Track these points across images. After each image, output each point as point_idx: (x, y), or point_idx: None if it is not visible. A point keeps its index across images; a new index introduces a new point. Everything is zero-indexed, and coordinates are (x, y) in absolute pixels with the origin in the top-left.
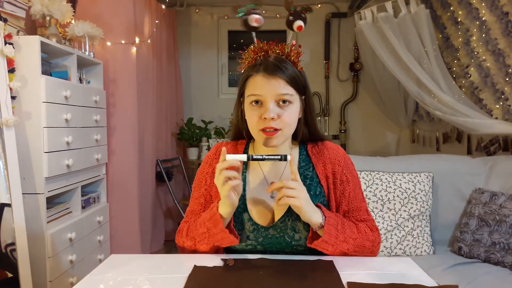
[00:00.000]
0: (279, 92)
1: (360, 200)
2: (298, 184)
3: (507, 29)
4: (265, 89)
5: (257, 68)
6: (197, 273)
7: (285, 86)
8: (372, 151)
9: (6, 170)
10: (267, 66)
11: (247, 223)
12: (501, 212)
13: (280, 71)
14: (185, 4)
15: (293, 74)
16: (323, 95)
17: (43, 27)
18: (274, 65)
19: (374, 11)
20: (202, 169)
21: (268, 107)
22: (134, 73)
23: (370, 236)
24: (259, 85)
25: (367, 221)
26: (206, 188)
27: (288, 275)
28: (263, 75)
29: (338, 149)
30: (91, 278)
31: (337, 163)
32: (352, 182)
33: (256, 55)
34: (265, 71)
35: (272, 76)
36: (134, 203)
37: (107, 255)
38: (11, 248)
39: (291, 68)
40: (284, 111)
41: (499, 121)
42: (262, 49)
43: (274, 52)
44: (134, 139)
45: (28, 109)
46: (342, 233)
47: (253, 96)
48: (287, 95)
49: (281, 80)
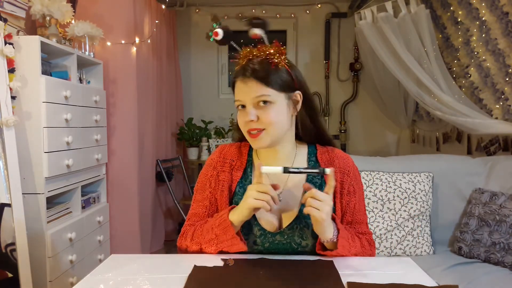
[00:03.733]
0: (254, 95)
1: (363, 213)
2: (328, 197)
3: (507, 29)
4: (243, 93)
5: (236, 74)
6: (197, 273)
7: (261, 88)
8: (372, 151)
9: (6, 170)
10: (243, 70)
11: (255, 228)
12: (501, 212)
13: (254, 73)
14: (185, 4)
15: (268, 74)
16: (323, 95)
17: (43, 27)
18: (250, 69)
19: (374, 11)
20: (205, 171)
21: (248, 110)
22: (134, 73)
23: (369, 251)
24: (239, 90)
25: (366, 235)
26: (211, 191)
27: (288, 275)
28: (241, 79)
29: (348, 159)
30: (91, 278)
31: (346, 173)
32: (358, 194)
33: (244, 61)
34: (242, 75)
35: (247, 79)
36: (134, 203)
37: (107, 255)
38: (11, 248)
39: (267, 69)
40: (263, 111)
41: (499, 121)
42: (246, 54)
43: (255, 56)
44: (134, 139)
45: (28, 109)
46: (354, 247)
47: (237, 101)
48: (264, 96)
49: (255, 82)
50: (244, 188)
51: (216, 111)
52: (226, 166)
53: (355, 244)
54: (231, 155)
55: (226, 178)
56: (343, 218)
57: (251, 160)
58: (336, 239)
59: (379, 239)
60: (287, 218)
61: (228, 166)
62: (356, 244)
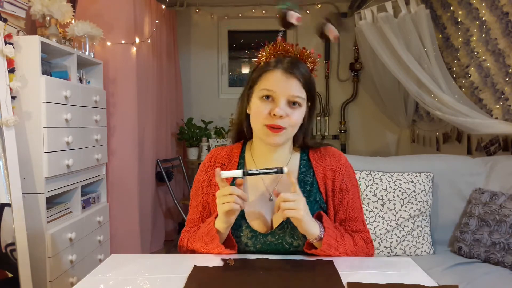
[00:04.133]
0: (293, 93)
1: (358, 210)
2: (297, 195)
3: (507, 29)
4: (281, 87)
5: (275, 64)
6: (197, 273)
7: (300, 88)
8: (372, 151)
9: (6, 170)
10: (287, 64)
11: (245, 230)
12: (501, 212)
13: (298, 72)
14: (185, 4)
15: (308, 78)
16: (323, 95)
17: (43, 27)
18: (294, 65)
19: (374, 11)
20: (198, 177)
21: (279, 104)
22: (134, 73)
23: (365, 248)
24: (276, 81)
25: (362, 233)
26: (203, 196)
27: (288, 275)
28: (282, 72)
29: (340, 156)
30: (91, 278)
31: (338, 170)
32: (351, 191)
33: (275, 52)
34: (284, 68)
35: (290, 75)
36: (134, 203)
37: (107, 255)
38: (11, 248)
39: (307, 73)
40: (292, 111)
41: (499, 121)
42: (283, 47)
43: (294, 54)
44: (134, 139)
45: (28, 109)
46: (342, 245)
47: (266, 90)
48: (299, 98)
49: (297, 81)
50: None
51: (216, 111)
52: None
53: (344, 242)
54: (221, 159)
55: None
56: (336, 217)
57: (243, 162)
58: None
59: (379, 239)
60: (277, 219)
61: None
62: (346, 242)
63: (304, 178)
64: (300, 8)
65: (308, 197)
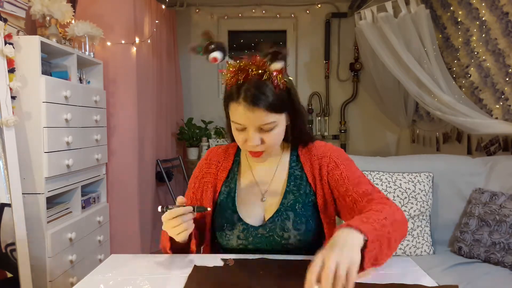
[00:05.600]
0: (260, 123)
1: (358, 175)
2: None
3: (507, 29)
4: (247, 120)
5: (237, 96)
6: (197, 273)
7: (267, 116)
8: (372, 151)
9: (6, 170)
10: (248, 97)
11: (237, 223)
12: (501, 212)
13: (260, 102)
14: (185, 4)
15: (274, 101)
16: (323, 95)
17: (43, 27)
18: (254, 96)
19: (374, 11)
20: (193, 173)
21: (250, 135)
22: (134, 73)
23: (392, 207)
24: (241, 115)
25: (373, 193)
26: (194, 191)
27: (288, 275)
28: (245, 106)
29: (326, 145)
30: (91, 278)
31: (323, 156)
32: (342, 164)
33: (236, 75)
34: (246, 101)
35: (253, 107)
36: (134, 203)
37: (107, 255)
38: (11, 248)
39: (272, 95)
40: (267, 135)
41: (499, 121)
42: (243, 69)
43: (254, 73)
44: (134, 139)
45: (28, 109)
46: (375, 221)
47: (235, 123)
48: (270, 124)
49: (262, 111)
50: (229, 188)
51: (216, 111)
52: (212, 168)
53: (371, 216)
54: (217, 157)
55: (211, 180)
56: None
57: (238, 160)
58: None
59: None
60: (268, 212)
61: (214, 168)
62: (374, 216)
63: (294, 173)
64: (209, 42)
65: (298, 190)
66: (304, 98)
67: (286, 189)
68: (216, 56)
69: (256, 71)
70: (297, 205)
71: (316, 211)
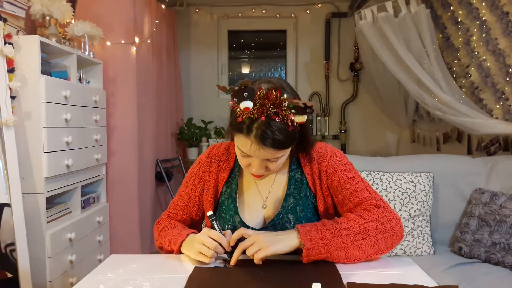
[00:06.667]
0: (268, 157)
1: (355, 182)
2: (253, 237)
3: (507, 29)
4: (255, 153)
5: (248, 131)
6: (197, 274)
7: (275, 153)
8: (372, 151)
9: (6, 170)
10: (259, 136)
11: (238, 225)
12: (502, 212)
13: (271, 142)
14: (185, 4)
15: (286, 141)
16: (323, 95)
17: (43, 27)
18: (267, 137)
19: (374, 11)
20: (192, 169)
21: (255, 165)
22: (134, 73)
23: (370, 216)
24: (249, 148)
25: (366, 202)
26: (192, 188)
27: (288, 275)
28: (254, 142)
29: (326, 147)
30: (91, 278)
31: (322, 160)
32: (340, 169)
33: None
34: (257, 140)
35: (264, 146)
36: (134, 203)
37: (107, 255)
38: (11, 248)
39: (284, 135)
40: (273, 164)
41: (499, 121)
42: (259, 108)
43: (270, 112)
44: (134, 139)
45: (28, 109)
46: (328, 231)
47: (241, 151)
48: (276, 158)
49: (271, 150)
50: (231, 188)
51: (216, 111)
52: (213, 167)
53: (329, 228)
54: (219, 156)
55: (213, 179)
56: (334, 200)
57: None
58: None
59: None
60: (269, 214)
61: (215, 167)
62: (334, 226)
63: (294, 176)
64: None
65: (299, 193)
66: (304, 98)
67: (287, 192)
68: (248, 106)
69: (272, 109)
70: (298, 208)
71: (317, 214)
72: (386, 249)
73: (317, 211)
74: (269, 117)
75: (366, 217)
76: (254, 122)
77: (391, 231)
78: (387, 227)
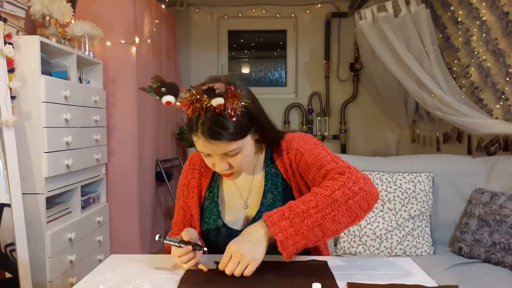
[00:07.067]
0: (223, 151)
1: (321, 156)
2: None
3: (508, 29)
4: (210, 150)
5: (195, 129)
6: (189, 276)
7: (228, 145)
8: (372, 151)
9: (5, 170)
10: (205, 131)
11: (222, 229)
12: (502, 212)
13: (218, 135)
14: (185, 4)
15: (233, 131)
16: (323, 95)
17: (43, 27)
18: (212, 131)
19: (374, 11)
20: (180, 180)
21: (216, 162)
22: (134, 73)
23: (335, 185)
24: (203, 147)
25: (331, 171)
26: (184, 199)
27: (280, 277)
28: (205, 140)
29: (294, 136)
30: (91, 278)
31: (291, 149)
32: (307, 150)
33: (192, 106)
34: (204, 136)
35: (212, 141)
36: (134, 203)
37: (107, 255)
38: (11, 248)
39: (230, 126)
40: (234, 159)
41: (499, 121)
42: (197, 101)
43: (209, 105)
44: (134, 139)
45: (28, 109)
46: (297, 215)
47: (200, 152)
48: (233, 151)
49: (222, 143)
50: (213, 192)
51: None
52: (195, 173)
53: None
54: (200, 162)
55: (196, 185)
56: (306, 182)
57: None
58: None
59: (379, 239)
60: (251, 214)
61: (197, 173)
62: (300, 206)
63: (270, 171)
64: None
65: (276, 188)
66: (304, 98)
67: (265, 189)
68: (169, 100)
69: (210, 103)
70: (277, 203)
71: None
72: (363, 212)
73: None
74: (208, 110)
75: (331, 187)
76: (198, 119)
77: (361, 193)
78: (355, 189)
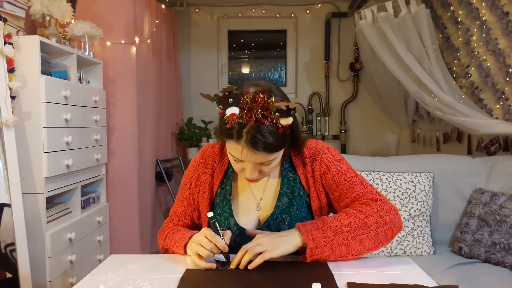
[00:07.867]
0: (261, 161)
1: (350, 177)
2: (257, 239)
3: (507, 29)
4: (246, 158)
5: (238, 137)
6: (189, 276)
7: (267, 156)
8: (372, 151)
9: (6, 170)
10: (249, 141)
11: (233, 228)
12: (502, 212)
13: (263, 147)
14: (185, 4)
15: (277, 143)
16: (323, 95)
17: (43, 27)
18: (258, 141)
19: (374, 11)
20: (188, 172)
21: (248, 170)
22: (134, 73)
23: (369, 210)
24: (241, 154)
25: (362, 196)
26: (190, 192)
27: (280, 277)
28: (246, 148)
29: (317, 145)
30: (91, 278)
31: (315, 158)
32: (334, 166)
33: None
34: (248, 145)
35: (255, 151)
36: (134, 203)
37: (107, 255)
38: (11, 248)
39: (275, 138)
40: (266, 167)
41: (499, 121)
42: (247, 112)
43: (258, 115)
44: (134, 139)
45: (28, 109)
46: (330, 229)
47: (233, 157)
48: (270, 160)
49: (263, 154)
50: (225, 190)
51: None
52: (208, 168)
53: (330, 225)
54: (213, 157)
55: (208, 180)
56: (329, 197)
57: None
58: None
59: None
60: (263, 215)
61: (210, 168)
62: (335, 222)
63: (287, 175)
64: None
65: (292, 192)
66: (304, 98)
67: (280, 192)
68: (234, 112)
69: (260, 112)
70: (292, 208)
71: (311, 213)
72: (387, 241)
73: (311, 209)
74: (258, 121)
75: (365, 212)
76: (243, 127)
77: (390, 223)
78: (386, 219)
